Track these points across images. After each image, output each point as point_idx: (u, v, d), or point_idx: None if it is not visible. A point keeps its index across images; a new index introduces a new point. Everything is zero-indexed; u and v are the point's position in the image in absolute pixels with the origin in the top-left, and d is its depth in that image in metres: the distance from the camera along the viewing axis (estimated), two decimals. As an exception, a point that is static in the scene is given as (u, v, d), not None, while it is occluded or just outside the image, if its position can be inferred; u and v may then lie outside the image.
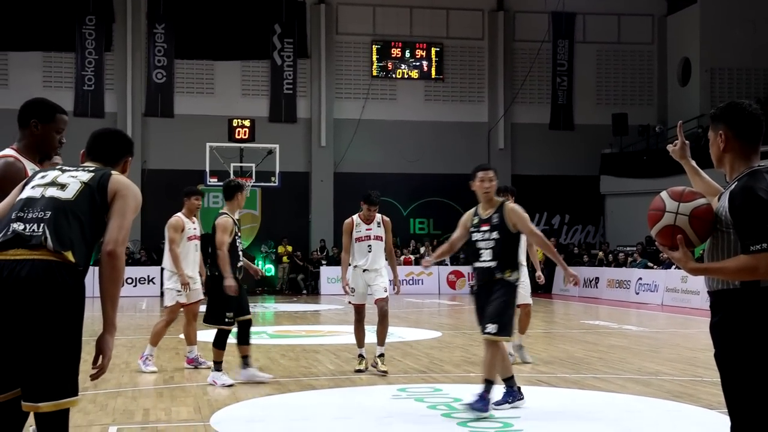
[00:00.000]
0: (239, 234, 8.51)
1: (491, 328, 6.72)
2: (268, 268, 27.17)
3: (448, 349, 11.42)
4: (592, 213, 29.34)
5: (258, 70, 28.09)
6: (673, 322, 16.27)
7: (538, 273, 9.96)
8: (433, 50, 28.96)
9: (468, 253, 7.17)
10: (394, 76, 28.84)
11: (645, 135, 28.04)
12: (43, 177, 3.73)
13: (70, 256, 3.48)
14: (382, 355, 9.01)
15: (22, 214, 3.57)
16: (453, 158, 28.64)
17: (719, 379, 3.61)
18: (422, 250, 26.94)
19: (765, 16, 27.80)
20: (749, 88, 28.46)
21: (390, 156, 28.31)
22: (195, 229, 9.44)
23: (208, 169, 24.38)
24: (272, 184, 25.11)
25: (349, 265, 9.52)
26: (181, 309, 9.41)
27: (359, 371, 8.97)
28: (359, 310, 9.32)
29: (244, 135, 25.41)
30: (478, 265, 6.97)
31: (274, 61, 27.76)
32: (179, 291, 9.20)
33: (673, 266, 21.54)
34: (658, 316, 17.74)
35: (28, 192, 3.67)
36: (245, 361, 8.47)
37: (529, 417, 6.69)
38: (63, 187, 3.64)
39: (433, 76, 29.01)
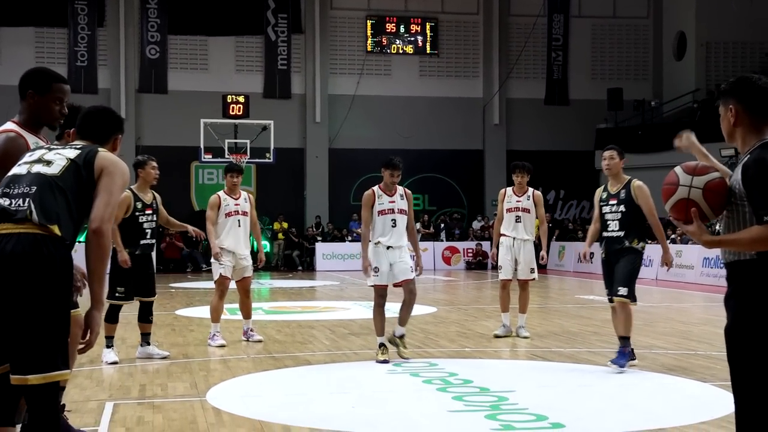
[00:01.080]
0: (146, 211, 8.33)
1: (623, 291, 7.58)
2: (264, 245, 27.18)
3: (444, 324, 11.46)
4: (587, 188, 29.28)
5: (252, 45, 27.94)
6: (668, 296, 16.33)
7: (543, 252, 10.14)
8: (428, 25, 28.81)
9: (600, 224, 7.95)
10: (388, 51, 28.71)
11: (640, 110, 28.01)
12: (30, 155, 3.75)
13: (56, 229, 3.49)
14: (402, 336, 8.33)
15: (8, 191, 3.58)
16: (448, 134, 28.61)
17: (712, 353, 3.62)
18: (417, 225, 26.96)
19: (761, -11, 27.69)
20: (745, 62, 28.38)
21: (385, 132, 28.25)
22: (237, 204, 9.43)
23: (202, 146, 24.32)
24: (267, 160, 25.07)
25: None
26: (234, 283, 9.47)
27: (384, 362, 8.01)
28: (382, 293, 8.28)
29: (239, 111, 25.35)
30: (606, 234, 7.80)
31: (268, 37, 27.60)
32: (221, 264, 9.29)
33: (668, 241, 21.57)
34: (653, 290, 17.80)
35: (15, 169, 3.68)
36: (144, 339, 8.49)
37: (524, 391, 6.72)
38: (49, 163, 3.65)
39: (428, 52, 28.90)
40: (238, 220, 9.39)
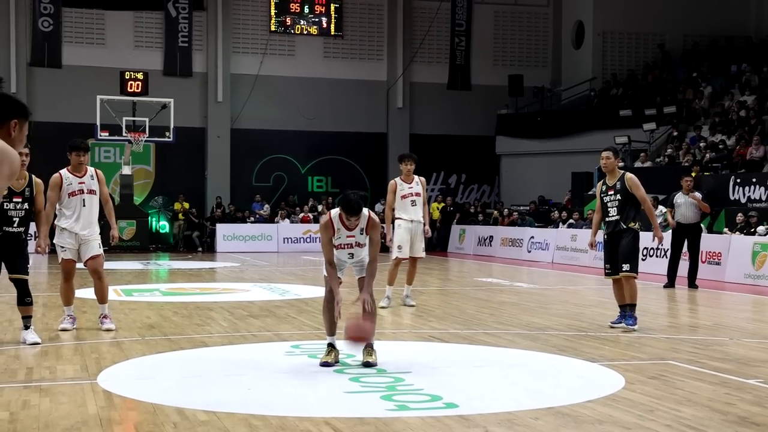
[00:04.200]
0: (13, 199, 7.96)
1: (626, 267, 9.06)
2: (162, 225, 26.69)
3: (343, 307, 11.42)
4: (488, 173, 29.84)
5: (151, 21, 27.26)
6: (562, 279, 16.78)
7: (427, 228, 11.30)
8: (332, 6, 28.69)
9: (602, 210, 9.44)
10: (292, 31, 28.47)
11: (539, 96, 28.60)
12: None
13: None
14: (368, 346, 7.07)
15: None
16: (351, 116, 28.61)
17: (601, 334, 3.74)
18: (320, 207, 26.91)
19: (655, -17, 28.64)
20: (638, 52, 29.31)
21: (288, 113, 28.05)
22: (81, 183, 8.96)
23: (98, 123, 23.69)
24: (166, 139, 24.58)
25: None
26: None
27: (325, 364, 6.97)
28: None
29: (137, 88, 24.79)
30: (607, 219, 9.31)
31: (168, 13, 26.95)
32: (62, 247, 8.91)
33: (563, 225, 22.20)
34: (549, 273, 18.26)
35: None
36: (24, 323, 8.17)
37: (419, 371, 6.80)
38: None
39: (332, 33, 28.78)
40: (83, 200, 8.86)
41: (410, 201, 11.10)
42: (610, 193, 9.27)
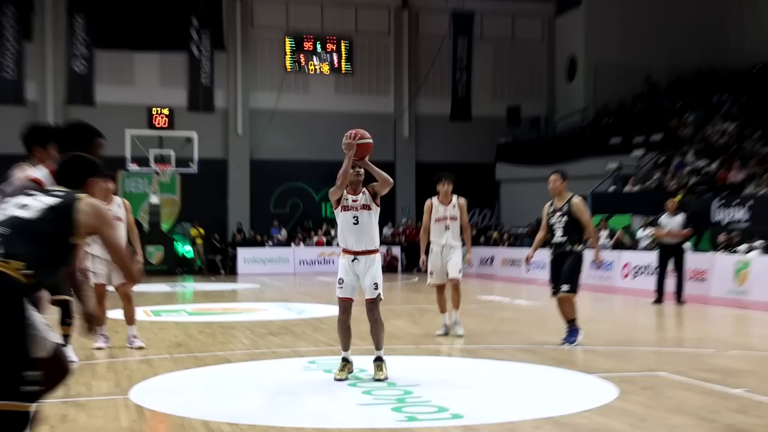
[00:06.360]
0: None
1: (565, 287, 8.90)
2: (188, 250, 26.77)
3: (356, 324, 11.37)
4: (489, 197, 29.86)
5: (176, 61, 27.47)
6: (559, 296, 16.71)
7: (469, 256, 10.18)
8: (342, 45, 28.90)
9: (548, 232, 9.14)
10: (306, 69, 28.66)
11: (536, 126, 28.69)
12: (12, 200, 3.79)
13: (22, 268, 3.49)
14: (377, 360, 7.08)
15: None
16: (362, 146, 28.72)
17: (597, 347, 3.77)
18: (333, 232, 26.95)
19: (641, 17, 28.75)
20: (627, 84, 29.34)
21: (303, 144, 28.18)
22: (108, 211, 8.99)
23: (129, 156, 23.86)
24: (191, 170, 24.75)
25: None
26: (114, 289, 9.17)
27: (339, 380, 6.95)
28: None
29: (164, 123, 25.00)
30: (553, 240, 9.01)
31: (191, 53, 27.17)
32: (94, 272, 8.98)
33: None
34: (546, 291, 18.19)
35: None
36: (63, 341, 8.26)
37: (427, 384, 6.82)
38: (26, 207, 3.67)
39: (343, 70, 28.97)
40: None
41: (444, 225, 9.83)
42: (557, 214, 8.94)
